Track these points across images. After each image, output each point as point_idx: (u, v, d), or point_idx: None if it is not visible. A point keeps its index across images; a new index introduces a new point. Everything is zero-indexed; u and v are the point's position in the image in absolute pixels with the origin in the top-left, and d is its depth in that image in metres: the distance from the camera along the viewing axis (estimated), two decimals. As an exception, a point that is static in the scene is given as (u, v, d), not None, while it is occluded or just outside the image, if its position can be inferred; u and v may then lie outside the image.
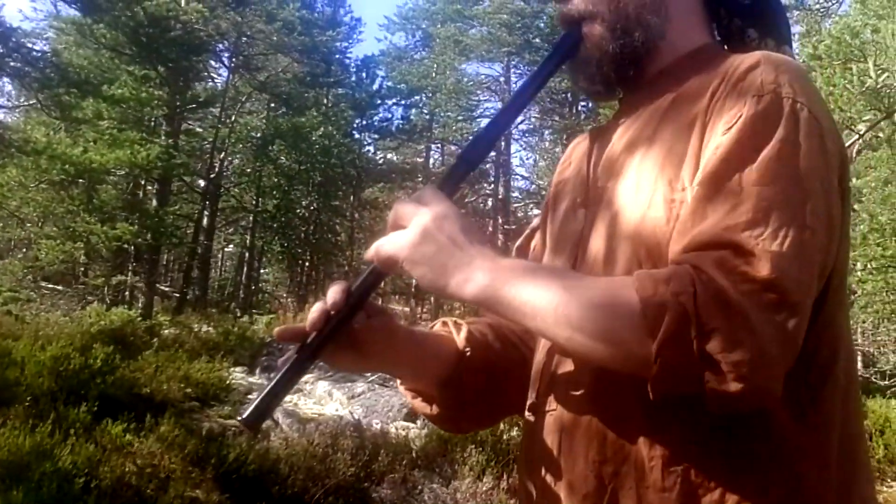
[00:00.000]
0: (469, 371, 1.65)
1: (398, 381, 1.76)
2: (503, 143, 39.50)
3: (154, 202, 26.44)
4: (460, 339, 1.68)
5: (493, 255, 1.33)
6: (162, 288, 30.15)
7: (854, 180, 18.93)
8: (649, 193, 1.36)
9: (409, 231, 1.35)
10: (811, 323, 1.26)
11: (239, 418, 1.45)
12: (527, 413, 1.57)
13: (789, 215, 1.19)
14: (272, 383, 1.45)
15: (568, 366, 1.44)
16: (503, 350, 1.71)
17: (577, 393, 1.40)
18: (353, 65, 37.35)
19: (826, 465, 1.29)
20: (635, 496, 1.29)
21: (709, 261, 1.16)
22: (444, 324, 1.75)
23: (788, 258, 1.15)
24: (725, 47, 1.60)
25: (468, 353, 1.66)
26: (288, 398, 14.20)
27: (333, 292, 1.46)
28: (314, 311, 1.45)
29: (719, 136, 1.28)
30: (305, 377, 16.43)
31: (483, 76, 41.39)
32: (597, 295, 1.23)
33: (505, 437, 10.42)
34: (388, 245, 1.38)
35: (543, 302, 1.24)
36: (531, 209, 38.80)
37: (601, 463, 1.34)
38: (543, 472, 1.45)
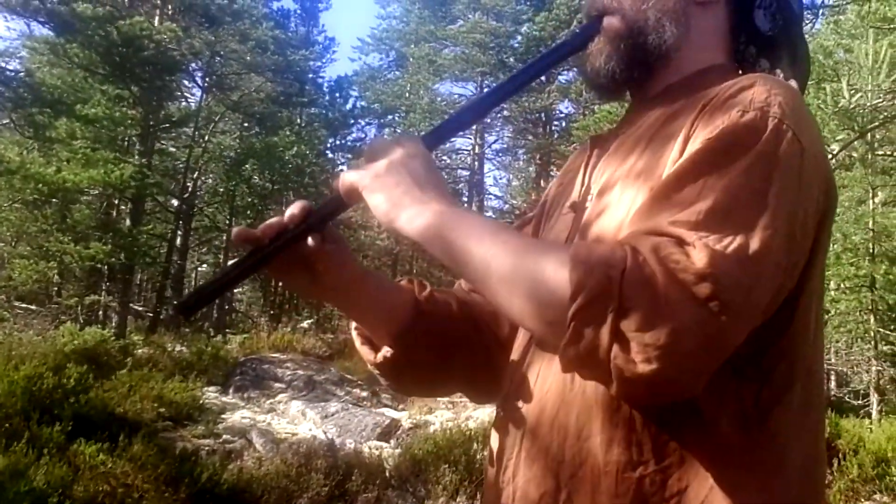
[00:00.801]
0: (425, 330, 1.66)
1: (352, 325, 1.74)
2: (476, 163, 39.60)
3: (127, 222, 26.22)
4: (422, 297, 1.70)
5: (449, 200, 1.37)
6: (135, 307, 29.88)
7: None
8: (629, 202, 1.36)
9: (377, 164, 1.40)
10: (768, 344, 1.28)
11: (175, 303, 1.47)
12: (497, 408, 1.59)
13: (742, 226, 1.17)
14: (215, 279, 1.52)
15: (538, 365, 1.45)
16: (463, 323, 1.72)
17: (544, 393, 1.41)
18: (326, 85, 37.09)
19: (770, 482, 1.29)
20: (590, 500, 1.30)
21: (647, 244, 1.15)
22: (410, 281, 1.76)
23: (730, 259, 1.13)
24: (740, 72, 1.57)
25: (425, 311, 1.68)
26: (262, 418, 14.23)
27: (293, 208, 1.49)
28: (270, 222, 1.49)
29: (696, 144, 1.27)
30: (278, 397, 16.41)
31: (457, 96, 41.25)
32: (532, 255, 1.24)
33: (478, 456, 10.39)
34: (354, 173, 1.42)
35: (481, 252, 1.27)
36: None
37: (560, 464, 1.35)
38: (505, 467, 1.46)
